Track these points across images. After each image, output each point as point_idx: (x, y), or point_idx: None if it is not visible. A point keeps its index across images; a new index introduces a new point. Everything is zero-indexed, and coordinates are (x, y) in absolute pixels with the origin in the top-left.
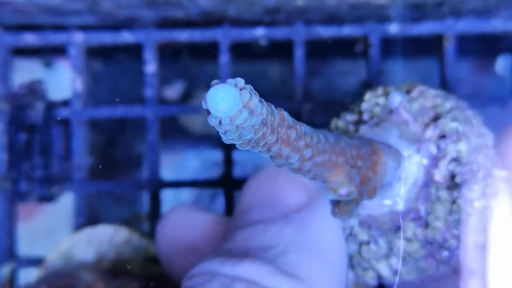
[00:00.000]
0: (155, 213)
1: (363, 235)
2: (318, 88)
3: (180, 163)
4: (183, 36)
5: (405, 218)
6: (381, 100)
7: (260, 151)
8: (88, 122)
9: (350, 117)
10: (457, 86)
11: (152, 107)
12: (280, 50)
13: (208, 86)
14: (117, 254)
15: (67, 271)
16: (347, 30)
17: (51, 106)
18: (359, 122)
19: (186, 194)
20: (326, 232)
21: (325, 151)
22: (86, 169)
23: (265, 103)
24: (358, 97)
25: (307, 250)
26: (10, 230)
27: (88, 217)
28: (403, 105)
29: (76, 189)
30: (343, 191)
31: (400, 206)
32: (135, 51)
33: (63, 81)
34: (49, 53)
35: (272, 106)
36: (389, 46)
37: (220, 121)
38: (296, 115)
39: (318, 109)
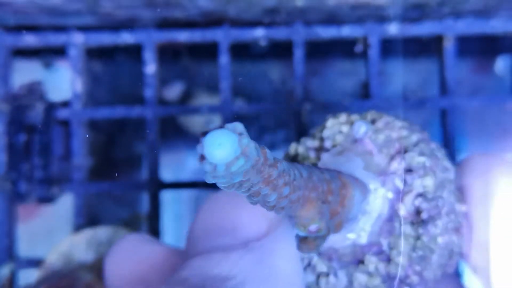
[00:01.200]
0: (155, 214)
1: (322, 267)
2: (318, 89)
3: (179, 164)
4: (183, 36)
5: (367, 252)
6: (345, 128)
7: (240, 191)
8: (87, 123)
9: (311, 143)
10: (457, 87)
11: (151, 107)
12: (280, 50)
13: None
14: None
15: (67, 271)
16: (347, 31)
17: (51, 107)
18: (320, 149)
19: (186, 195)
20: (286, 263)
21: (300, 187)
22: (86, 169)
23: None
24: (357, 97)
25: (266, 281)
26: (9, 231)
27: (87, 217)
28: (368, 136)
29: (75, 190)
30: (313, 227)
31: (363, 240)
32: (135, 51)
33: (63, 82)
34: (49, 54)
35: (255, 144)
36: (389, 46)
37: (215, 167)
38: (296, 116)
39: (318, 109)
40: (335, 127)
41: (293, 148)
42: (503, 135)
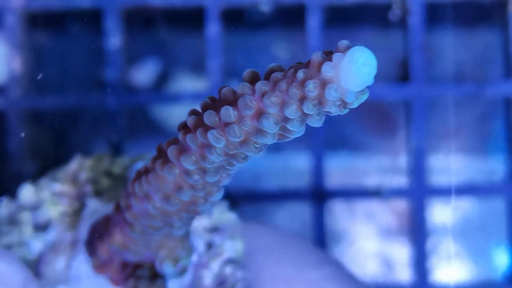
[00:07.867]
0: None
1: None
2: None
3: None
4: None
5: None
6: (117, 169)
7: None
8: (29, 115)
9: (60, 187)
10: None
11: (115, 94)
12: (289, 18)
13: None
14: None
15: None
16: None
17: None
18: (82, 195)
19: None
20: None
21: None
22: (28, 177)
23: None
24: (393, 80)
25: None
26: None
27: None
28: None
29: None
30: (181, 264)
31: None
32: (93, 19)
33: None
34: None
35: None
36: (436, 12)
37: (346, 93)
38: None
39: None
40: (98, 167)
41: (27, 192)
42: None
